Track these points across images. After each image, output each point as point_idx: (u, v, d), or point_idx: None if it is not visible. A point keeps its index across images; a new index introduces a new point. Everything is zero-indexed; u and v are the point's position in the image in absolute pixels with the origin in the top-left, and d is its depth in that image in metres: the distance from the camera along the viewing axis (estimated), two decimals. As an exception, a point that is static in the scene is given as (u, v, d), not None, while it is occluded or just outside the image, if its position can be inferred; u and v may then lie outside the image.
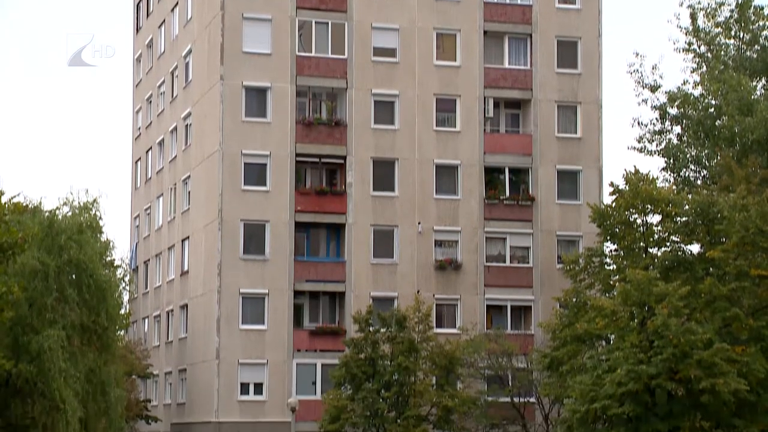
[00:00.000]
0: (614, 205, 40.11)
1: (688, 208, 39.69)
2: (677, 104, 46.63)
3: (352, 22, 54.96)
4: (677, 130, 47.37)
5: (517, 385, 51.54)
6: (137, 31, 70.79)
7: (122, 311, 41.85)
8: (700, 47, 48.26)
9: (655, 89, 47.40)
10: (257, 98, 54.11)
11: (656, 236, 40.23)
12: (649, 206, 39.74)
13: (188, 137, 59.07)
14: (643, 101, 48.25)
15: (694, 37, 50.60)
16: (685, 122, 46.76)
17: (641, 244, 40.20)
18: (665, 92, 47.14)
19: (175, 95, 61.69)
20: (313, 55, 54.59)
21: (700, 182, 46.59)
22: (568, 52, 57.29)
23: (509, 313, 55.74)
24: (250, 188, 53.77)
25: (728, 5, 50.48)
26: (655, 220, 40.39)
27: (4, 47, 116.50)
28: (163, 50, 64.49)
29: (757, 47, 47.78)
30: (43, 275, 36.65)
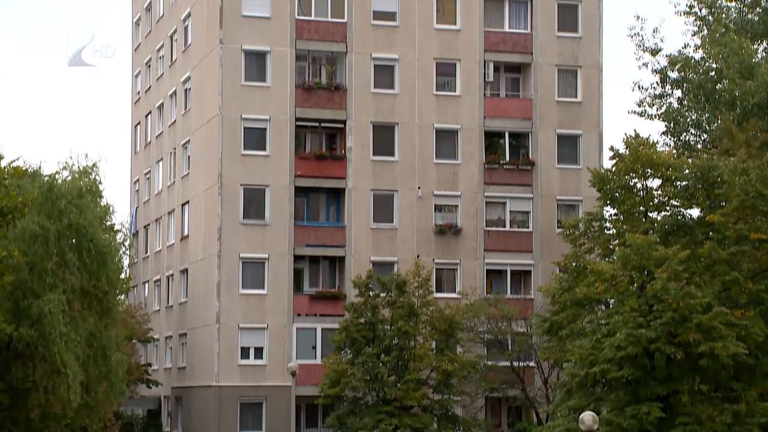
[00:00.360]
0: (614, 169, 39.92)
1: (688, 172, 39.50)
2: (678, 68, 46.31)
3: (351, -15, 54.74)
4: (678, 93, 47.07)
5: (516, 349, 51.72)
6: (136, -6, 70.52)
7: (122, 276, 41.71)
8: (701, 10, 47.87)
9: (655, 53, 47.12)
10: (257, 62, 53.94)
11: (656, 200, 40.07)
12: (649, 170, 39.55)
13: (188, 101, 58.92)
14: (643, 65, 47.97)
15: (695, -1, 50.23)
16: (685, 86, 46.45)
17: (641, 208, 40.06)
18: (666, 56, 46.86)
19: (174, 59, 61.48)
20: (312, 18, 54.39)
21: (700, 146, 46.36)
22: (568, 15, 57.08)
23: (509, 277, 55.83)
24: (249, 153, 53.71)
25: (729, -32, 50.08)
26: (655, 184, 40.23)
27: (4, 47, 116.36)
28: (162, 14, 64.22)
29: (758, 10, 47.41)
30: (43, 239, 36.59)
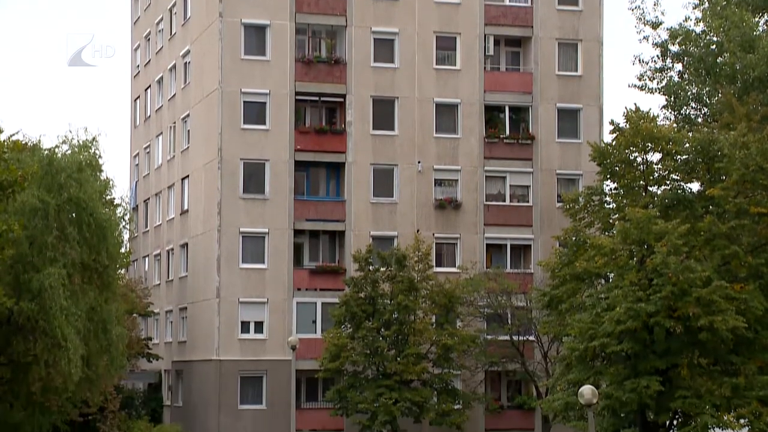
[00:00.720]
0: (614, 143, 39.85)
1: (688, 146, 39.45)
2: (678, 41, 46.19)
3: (351, -42, 54.53)
4: (678, 67, 46.98)
5: (516, 323, 51.80)
6: (135, -32, 70.24)
7: (122, 250, 41.77)
8: (702, -17, 47.74)
9: (656, 26, 46.99)
10: (256, 36, 53.77)
11: (656, 174, 40.03)
12: (649, 144, 39.49)
13: (187, 75, 58.77)
14: (644, 38, 47.83)
15: (696, -29, 50.03)
16: (686, 59, 46.35)
17: (641, 182, 40.02)
18: (667, 29, 46.75)
19: (173, 33, 61.29)
20: (312, -8, 54.21)
21: (700, 120, 46.29)
22: (569, -11, 56.90)
23: (509, 251, 55.84)
24: (249, 127, 53.62)
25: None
26: (655, 158, 40.17)
27: (4, 47, 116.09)
28: (161, -13, 64.00)
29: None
30: (43, 213, 36.59)
